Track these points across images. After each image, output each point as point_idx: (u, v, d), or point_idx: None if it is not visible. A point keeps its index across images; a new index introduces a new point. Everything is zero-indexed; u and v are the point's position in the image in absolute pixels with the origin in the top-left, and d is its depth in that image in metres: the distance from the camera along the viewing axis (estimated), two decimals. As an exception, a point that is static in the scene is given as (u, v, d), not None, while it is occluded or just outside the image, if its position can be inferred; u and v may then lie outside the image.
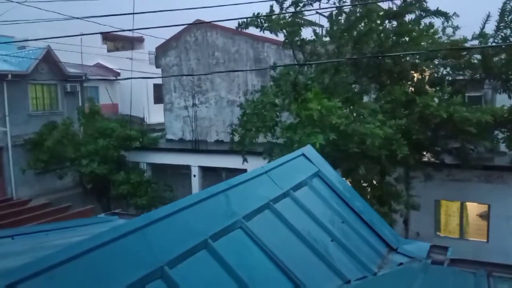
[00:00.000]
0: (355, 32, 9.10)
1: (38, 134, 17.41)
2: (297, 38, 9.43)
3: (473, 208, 12.66)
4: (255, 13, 8.97)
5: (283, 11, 9.17)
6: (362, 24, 9.08)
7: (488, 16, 9.52)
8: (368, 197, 9.38)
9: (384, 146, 8.24)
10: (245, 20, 9.00)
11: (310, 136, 7.73)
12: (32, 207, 15.92)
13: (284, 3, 9.19)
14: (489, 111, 8.78)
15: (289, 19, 9.18)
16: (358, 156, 8.55)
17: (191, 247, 2.24)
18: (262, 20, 9.03)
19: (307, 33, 9.85)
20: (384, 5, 9.91)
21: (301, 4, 9.18)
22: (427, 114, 8.95)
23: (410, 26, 9.57)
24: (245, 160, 10.26)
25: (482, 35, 9.55)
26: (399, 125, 8.52)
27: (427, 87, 10.52)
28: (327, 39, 9.89)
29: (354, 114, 8.52)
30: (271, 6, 9.12)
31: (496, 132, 10.01)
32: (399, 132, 8.49)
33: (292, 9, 9.26)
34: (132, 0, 10.68)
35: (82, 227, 4.43)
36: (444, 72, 10.52)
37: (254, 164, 9.40)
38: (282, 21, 9.14)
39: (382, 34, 9.27)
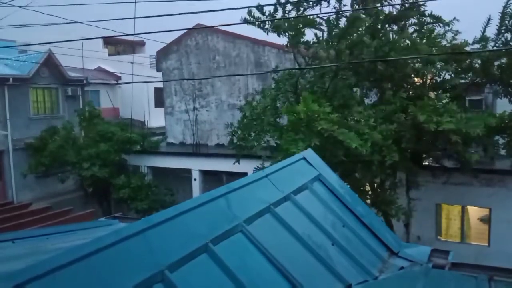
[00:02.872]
0: (349, 40, 9.04)
1: (39, 138, 17.43)
2: (301, 39, 9.40)
3: (474, 212, 12.63)
4: (258, 6, 8.95)
5: (286, 14, 9.18)
6: (354, 31, 9.03)
7: (489, 19, 9.49)
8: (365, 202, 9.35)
9: (376, 152, 8.18)
10: (250, 13, 8.98)
11: (291, 143, 7.58)
12: (33, 210, 15.92)
13: (286, 5, 9.19)
14: (487, 119, 8.57)
15: (293, 21, 9.17)
16: (351, 161, 8.47)
17: (191, 250, 2.24)
18: (265, 20, 9.04)
19: (308, 36, 9.85)
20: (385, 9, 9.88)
21: (302, 8, 9.18)
22: (418, 123, 8.90)
23: (411, 32, 9.56)
24: (237, 161, 10.32)
25: (483, 39, 9.53)
26: (389, 130, 8.43)
27: (429, 92, 10.50)
28: (326, 42, 9.88)
29: (345, 119, 8.40)
30: (275, 9, 9.13)
31: (497, 137, 9.99)
32: (389, 137, 8.42)
33: (294, 11, 9.25)
34: (134, 5, 10.72)
35: (83, 230, 4.42)
36: (446, 77, 10.50)
37: (254, 167, 9.45)
38: (286, 23, 9.12)
39: (375, 41, 9.14)
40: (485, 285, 2.67)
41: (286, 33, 9.29)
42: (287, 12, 9.21)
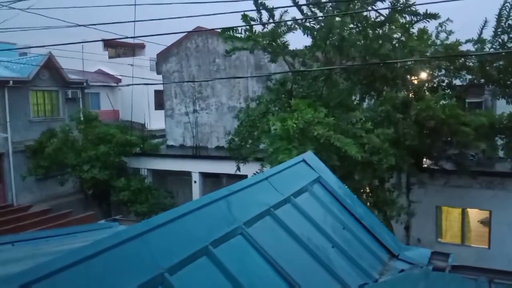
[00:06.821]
0: (330, 41, 8.86)
1: (37, 141, 17.42)
2: (282, 55, 9.26)
3: (474, 215, 12.62)
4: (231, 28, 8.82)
5: (265, 26, 9.02)
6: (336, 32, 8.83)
7: (486, 22, 9.54)
8: (365, 203, 9.34)
9: (374, 154, 8.17)
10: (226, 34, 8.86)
11: (284, 152, 7.34)
12: (33, 213, 15.90)
13: (261, 18, 8.96)
14: (483, 114, 8.91)
15: (271, 30, 8.95)
16: (346, 166, 8.41)
17: (191, 253, 2.24)
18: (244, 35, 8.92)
19: (302, 37, 9.72)
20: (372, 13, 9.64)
21: (275, 17, 8.94)
22: (422, 117, 8.94)
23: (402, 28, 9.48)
24: (238, 169, 10.34)
25: (480, 41, 9.57)
26: (387, 134, 8.37)
27: (426, 92, 10.50)
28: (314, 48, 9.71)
29: (340, 123, 8.27)
30: (246, 17, 8.91)
31: (495, 138, 10.03)
32: (386, 140, 8.37)
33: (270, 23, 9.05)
34: (134, 8, 10.74)
35: (83, 233, 4.43)
36: (439, 75, 10.55)
37: (253, 170, 9.44)
38: (264, 39, 8.91)
39: (365, 40, 8.99)
40: (485, 288, 2.67)
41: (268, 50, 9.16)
42: (266, 25, 9.04)
